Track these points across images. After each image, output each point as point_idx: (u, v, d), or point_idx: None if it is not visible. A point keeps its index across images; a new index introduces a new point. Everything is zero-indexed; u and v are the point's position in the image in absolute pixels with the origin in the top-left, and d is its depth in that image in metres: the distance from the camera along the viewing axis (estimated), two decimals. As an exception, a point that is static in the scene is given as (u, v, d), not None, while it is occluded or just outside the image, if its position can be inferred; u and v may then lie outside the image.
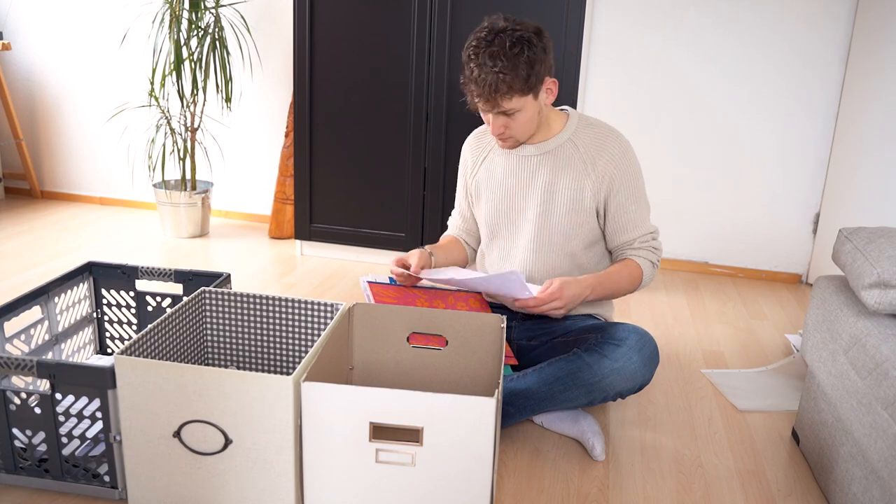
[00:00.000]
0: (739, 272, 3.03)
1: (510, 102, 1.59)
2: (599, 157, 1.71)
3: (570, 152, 1.73)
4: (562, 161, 1.73)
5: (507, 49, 1.54)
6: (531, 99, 1.61)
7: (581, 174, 1.72)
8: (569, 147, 1.73)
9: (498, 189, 1.80)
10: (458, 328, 1.61)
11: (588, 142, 1.73)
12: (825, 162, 2.86)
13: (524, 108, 1.62)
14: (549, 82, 1.64)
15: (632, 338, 1.63)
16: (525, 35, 1.57)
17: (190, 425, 1.33)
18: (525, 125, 1.66)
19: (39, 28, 3.46)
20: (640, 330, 1.66)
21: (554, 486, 1.56)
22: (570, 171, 1.72)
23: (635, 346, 1.61)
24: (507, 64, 1.54)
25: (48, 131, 3.59)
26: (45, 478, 1.45)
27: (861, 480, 1.38)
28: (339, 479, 1.32)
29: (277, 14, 3.19)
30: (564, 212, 1.73)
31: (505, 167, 1.79)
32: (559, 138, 1.73)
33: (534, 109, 1.64)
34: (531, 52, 1.56)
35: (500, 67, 1.54)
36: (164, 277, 1.85)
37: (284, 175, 3.14)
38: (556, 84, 1.66)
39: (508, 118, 1.64)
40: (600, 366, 1.60)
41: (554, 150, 1.74)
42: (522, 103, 1.61)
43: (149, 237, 3.16)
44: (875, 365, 1.33)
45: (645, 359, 1.62)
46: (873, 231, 1.54)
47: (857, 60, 2.68)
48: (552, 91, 1.66)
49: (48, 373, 1.36)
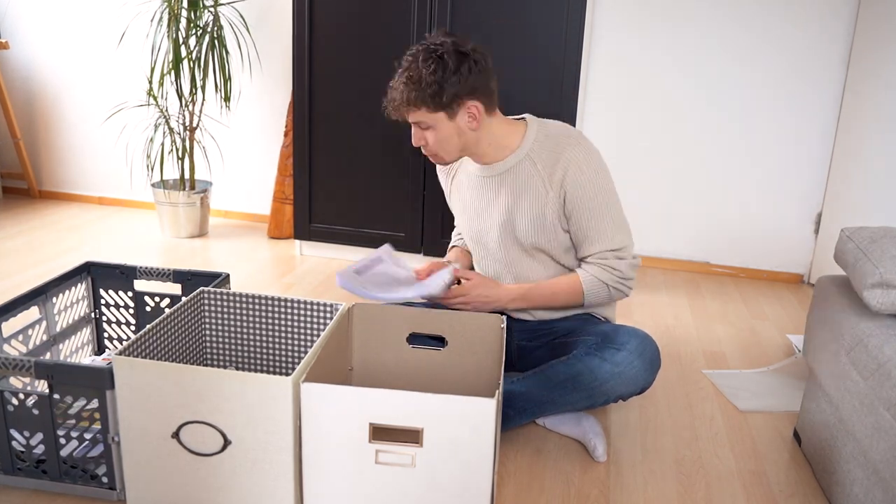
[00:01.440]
0: (741, 272, 3.03)
1: (415, 115, 1.61)
2: (555, 171, 1.65)
3: (529, 170, 1.68)
4: (521, 180, 1.69)
5: (419, 63, 1.56)
6: (443, 118, 1.60)
7: (541, 192, 1.67)
8: (527, 164, 1.68)
9: (465, 209, 1.81)
10: (458, 328, 1.60)
11: (545, 156, 1.67)
12: (827, 161, 2.86)
13: (437, 126, 1.61)
14: (470, 105, 1.60)
15: (633, 342, 1.61)
16: (444, 54, 1.56)
17: (189, 426, 1.32)
18: (442, 143, 1.64)
19: (37, 27, 3.45)
20: (641, 333, 1.64)
21: (554, 488, 1.56)
22: (530, 191, 1.68)
23: (636, 350, 1.60)
24: (413, 77, 1.57)
25: (46, 130, 3.58)
26: (43, 479, 1.44)
27: (863, 481, 1.38)
28: (339, 481, 1.32)
29: (276, 13, 3.18)
30: (529, 231, 1.70)
31: (469, 187, 1.79)
32: (516, 156, 1.69)
33: (450, 129, 1.62)
34: (439, 73, 1.56)
35: (406, 80, 1.58)
36: (162, 277, 1.85)
37: (283, 175, 3.13)
38: (478, 109, 1.61)
39: (424, 132, 1.64)
40: (601, 370, 1.59)
41: (512, 169, 1.69)
42: (433, 120, 1.60)
43: (147, 237, 3.15)
44: (877, 366, 1.32)
45: (646, 363, 1.61)
46: (876, 231, 1.54)
47: (859, 59, 2.68)
48: (475, 116, 1.62)
49: (46, 373, 1.36)
